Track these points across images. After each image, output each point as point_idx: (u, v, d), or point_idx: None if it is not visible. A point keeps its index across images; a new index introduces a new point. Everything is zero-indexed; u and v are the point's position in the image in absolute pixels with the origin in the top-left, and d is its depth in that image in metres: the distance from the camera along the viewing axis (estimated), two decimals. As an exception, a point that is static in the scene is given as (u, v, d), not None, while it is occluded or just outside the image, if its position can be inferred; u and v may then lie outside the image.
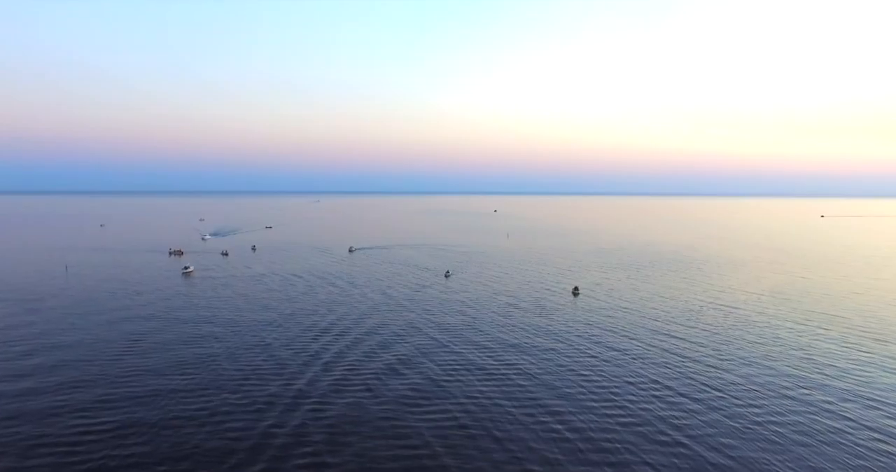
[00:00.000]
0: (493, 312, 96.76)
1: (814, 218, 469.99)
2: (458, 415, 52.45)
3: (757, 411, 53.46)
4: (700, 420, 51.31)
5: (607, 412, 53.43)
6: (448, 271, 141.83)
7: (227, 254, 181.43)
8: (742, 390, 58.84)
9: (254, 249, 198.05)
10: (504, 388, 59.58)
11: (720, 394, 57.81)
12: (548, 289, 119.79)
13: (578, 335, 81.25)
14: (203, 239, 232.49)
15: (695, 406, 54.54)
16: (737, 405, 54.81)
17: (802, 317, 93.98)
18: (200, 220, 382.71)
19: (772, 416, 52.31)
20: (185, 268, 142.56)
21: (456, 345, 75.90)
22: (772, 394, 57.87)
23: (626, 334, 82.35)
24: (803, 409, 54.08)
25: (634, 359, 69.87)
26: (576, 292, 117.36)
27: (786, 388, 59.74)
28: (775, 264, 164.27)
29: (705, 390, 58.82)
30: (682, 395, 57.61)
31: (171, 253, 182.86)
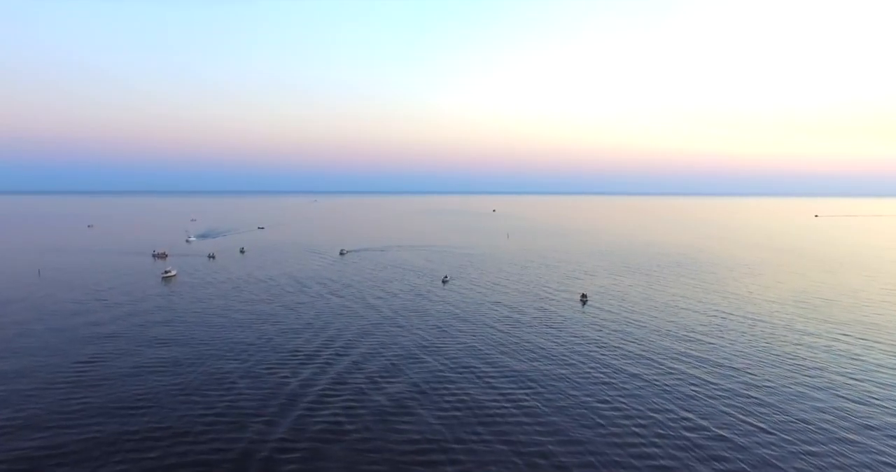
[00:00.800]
0: (495, 327, 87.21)
1: (809, 218, 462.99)
2: (448, 470, 42.89)
3: (818, 463, 43.78)
4: (749, 476, 41.70)
5: (633, 462, 43.90)
6: (446, 277, 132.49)
7: (213, 257, 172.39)
8: (794, 431, 49.05)
9: (242, 251, 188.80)
10: (505, 428, 50.02)
11: (768, 437, 48.11)
12: (552, 298, 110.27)
13: (590, 356, 71.77)
14: (187, 241, 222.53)
15: (741, 456, 44.84)
16: (792, 453, 45.13)
17: (840, 330, 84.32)
18: (192, 220, 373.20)
19: (839, 470, 42.69)
20: (166, 272, 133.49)
21: (452, 372, 66.25)
22: (833, 438, 47.97)
23: (645, 353, 72.85)
24: (879, 460, 44.38)
25: (658, 388, 60.29)
26: (584, 299, 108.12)
27: (847, 429, 49.87)
28: (787, 266, 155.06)
29: (749, 433, 49.15)
30: (721, 438, 47.99)
31: (154, 255, 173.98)
